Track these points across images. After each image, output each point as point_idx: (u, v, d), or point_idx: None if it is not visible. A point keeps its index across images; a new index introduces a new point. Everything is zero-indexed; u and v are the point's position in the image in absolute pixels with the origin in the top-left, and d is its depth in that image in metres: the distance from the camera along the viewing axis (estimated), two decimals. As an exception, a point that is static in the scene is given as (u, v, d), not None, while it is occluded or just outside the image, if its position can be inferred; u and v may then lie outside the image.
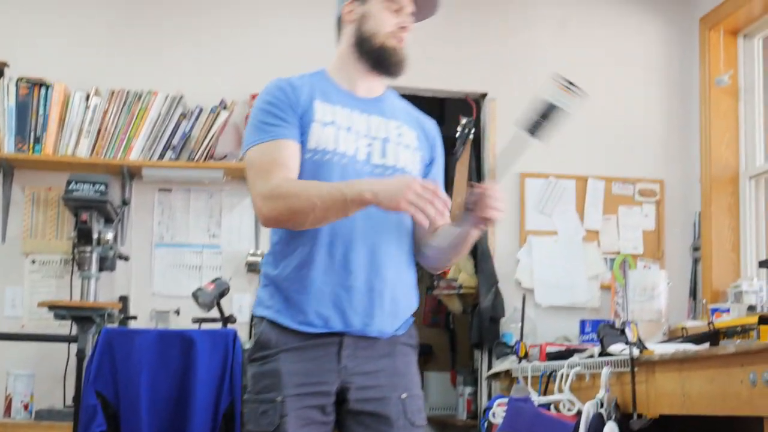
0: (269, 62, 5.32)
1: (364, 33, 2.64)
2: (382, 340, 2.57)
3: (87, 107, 5.11)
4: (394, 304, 2.58)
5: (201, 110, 5.16)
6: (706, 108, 5.55)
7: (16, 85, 5.06)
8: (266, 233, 5.31)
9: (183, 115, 5.16)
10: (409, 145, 2.68)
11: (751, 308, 4.62)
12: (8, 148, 5.01)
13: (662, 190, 5.67)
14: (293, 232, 2.52)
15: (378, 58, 2.65)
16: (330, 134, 2.56)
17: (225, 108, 5.19)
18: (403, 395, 2.58)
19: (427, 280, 5.86)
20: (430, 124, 2.82)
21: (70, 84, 5.14)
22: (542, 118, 2.46)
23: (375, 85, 2.72)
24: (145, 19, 5.41)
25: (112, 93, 5.14)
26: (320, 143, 2.55)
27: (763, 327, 3.87)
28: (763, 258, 5.16)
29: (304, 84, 2.62)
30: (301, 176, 2.53)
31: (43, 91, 5.07)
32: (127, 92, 5.14)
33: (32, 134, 5.05)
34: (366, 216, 2.49)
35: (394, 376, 2.59)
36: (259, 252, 5.22)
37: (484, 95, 5.63)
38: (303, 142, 2.55)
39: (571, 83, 2.49)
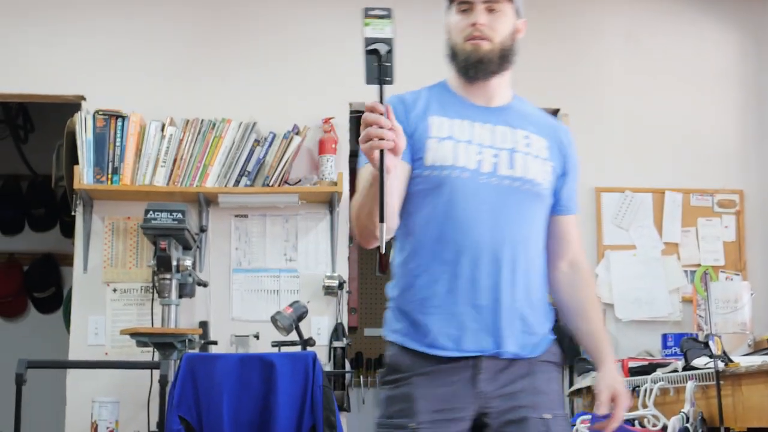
0: (340, 86, 5.37)
1: (449, 45, 2.54)
2: (521, 360, 2.43)
3: (163, 137, 5.19)
4: (526, 322, 2.44)
5: (274, 136, 5.21)
6: (783, 116, 5.50)
7: (93, 117, 5.15)
8: (342, 256, 5.37)
9: (257, 142, 5.21)
10: (538, 155, 2.52)
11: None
12: (87, 180, 5.10)
13: (742, 201, 5.59)
14: (412, 252, 2.44)
15: (460, 66, 2.52)
16: (448, 149, 2.45)
17: (297, 133, 5.23)
18: (547, 415, 2.42)
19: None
20: (564, 132, 2.65)
21: (145, 115, 5.23)
22: (377, 63, 2.19)
23: (496, 93, 2.58)
24: (215, 48, 5.49)
25: (187, 122, 5.21)
26: (437, 159, 2.44)
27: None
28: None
29: (418, 99, 2.54)
30: (420, 193, 2.45)
31: (119, 122, 5.16)
32: (201, 121, 5.21)
33: (110, 165, 5.14)
34: (493, 227, 2.40)
35: (536, 395, 2.43)
36: (335, 275, 5.25)
37: (556, 111, 5.61)
38: (419, 159, 2.45)
39: (370, 9, 2.23)
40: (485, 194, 2.42)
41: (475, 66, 2.51)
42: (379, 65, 2.16)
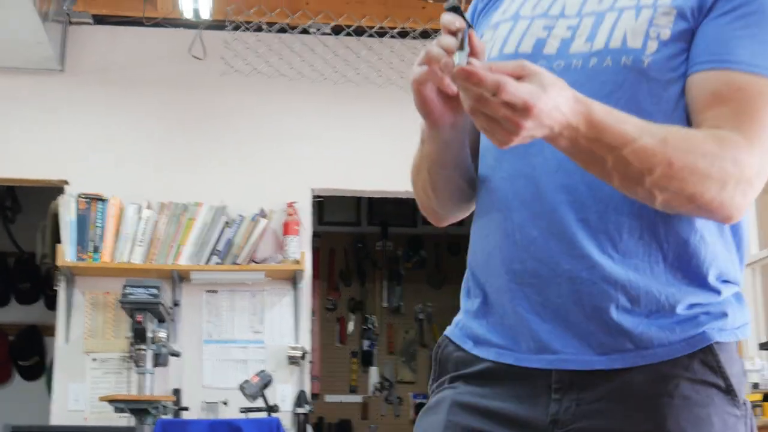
0: (302, 174, 5.51)
1: None
2: (634, 373, 1.40)
3: (140, 218, 5.28)
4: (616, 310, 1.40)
5: (242, 218, 5.32)
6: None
7: (76, 200, 5.24)
8: (305, 328, 5.45)
9: (226, 223, 5.32)
10: (647, 3, 1.49)
11: (755, 386, 4.66)
12: (70, 257, 5.18)
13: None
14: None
15: None
16: (499, 37, 1.61)
17: (264, 216, 5.35)
18: None
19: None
20: None
21: (124, 198, 5.32)
22: None
23: None
24: (188, 138, 5.60)
25: (162, 205, 5.32)
26: (487, 51, 1.53)
27: (766, 404, 3.87)
28: (763, 340, 5.20)
29: None
30: None
31: (100, 205, 5.25)
32: (176, 204, 5.31)
33: (91, 244, 5.22)
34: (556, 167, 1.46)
35: None
36: (299, 345, 5.32)
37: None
38: None
39: None
40: None
41: None
42: None
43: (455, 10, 1.35)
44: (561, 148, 1.32)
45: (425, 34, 5.48)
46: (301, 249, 5.37)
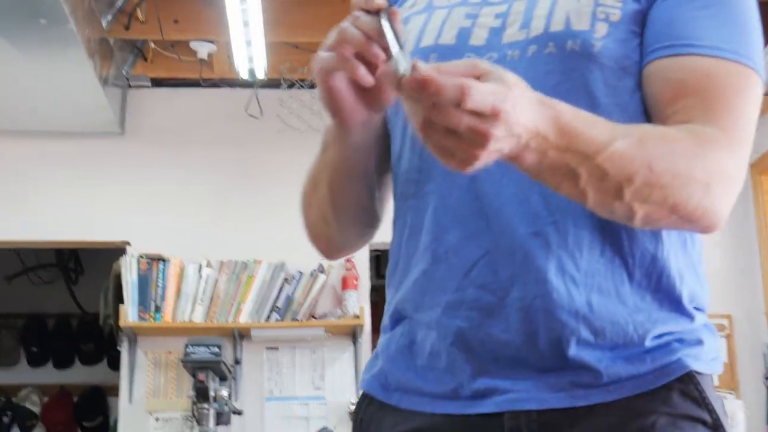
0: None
1: None
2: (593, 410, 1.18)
3: (200, 277, 5.29)
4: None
5: (301, 275, 5.31)
6: (765, 247, 5.54)
7: (137, 261, 5.27)
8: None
9: (285, 280, 5.31)
10: None
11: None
12: (132, 317, 5.19)
13: (731, 324, 5.61)
14: None
15: None
16: (414, 29, 1.38)
17: (322, 272, 5.33)
18: None
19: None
20: None
21: (184, 257, 5.34)
22: None
23: None
24: (247, 195, 5.62)
25: (222, 263, 5.32)
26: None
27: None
28: None
29: None
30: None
31: (161, 265, 5.27)
32: (235, 262, 5.32)
33: (153, 304, 5.23)
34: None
35: None
36: (360, 401, 5.27)
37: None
38: None
39: None
40: None
41: None
42: None
43: None
44: (526, 166, 1.05)
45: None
46: (360, 304, 5.34)
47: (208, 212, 5.58)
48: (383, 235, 1.45)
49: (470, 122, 0.95)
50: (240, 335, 5.33)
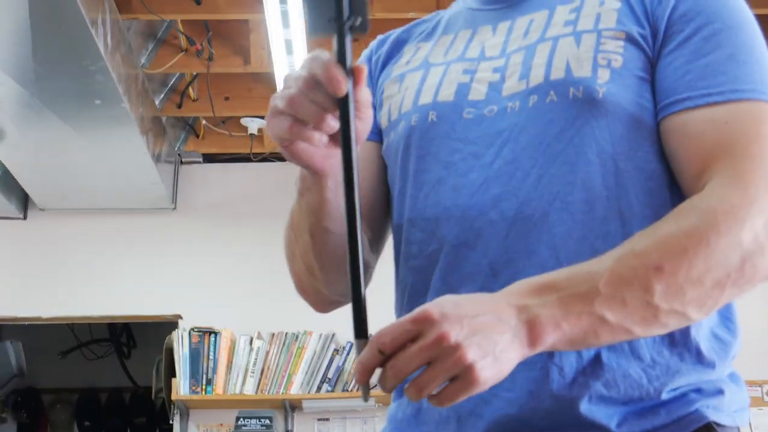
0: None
1: None
2: None
3: (251, 349, 5.32)
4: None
5: (352, 345, 5.32)
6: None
7: (189, 334, 5.31)
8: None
9: (336, 351, 5.32)
10: (587, 28, 1.25)
11: None
12: (184, 391, 5.22)
13: (787, 391, 5.53)
14: None
15: None
16: (410, 87, 1.34)
17: (373, 342, 5.34)
18: None
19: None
20: None
21: (235, 330, 5.38)
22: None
23: None
24: (298, 268, 5.65)
25: (273, 335, 5.35)
26: (393, 108, 1.35)
27: None
28: None
29: (410, 29, 1.47)
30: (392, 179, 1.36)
31: (212, 338, 5.31)
32: (286, 334, 5.34)
33: (204, 377, 5.25)
34: (492, 188, 1.21)
35: None
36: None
37: None
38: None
39: None
40: (475, 136, 1.24)
41: None
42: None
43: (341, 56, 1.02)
44: (555, 338, 1.02)
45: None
46: (410, 374, 5.31)
47: (258, 285, 5.62)
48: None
49: (415, 350, 0.96)
50: (291, 407, 5.33)
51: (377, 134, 1.38)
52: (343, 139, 1.03)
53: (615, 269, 1.02)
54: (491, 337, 0.97)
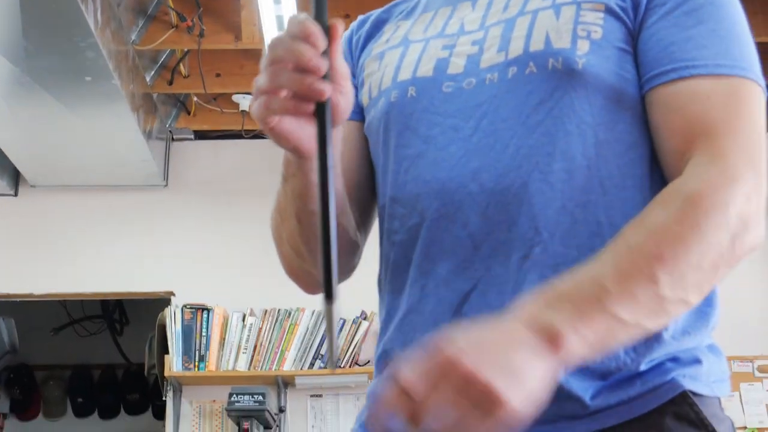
0: (402, 274, 5.50)
1: None
2: None
3: (244, 326, 5.33)
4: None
5: (344, 322, 5.33)
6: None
7: (182, 311, 5.32)
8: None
9: (328, 327, 5.33)
10: (572, 0, 1.24)
11: None
12: (177, 367, 5.23)
13: (779, 366, 5.56)
14: None
15: None
16: (389, 64, 1.33)
17: (365, 318, 5.36)
18: None
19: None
20: None
21: (228, 307, 5.38)
22: None
23: None
24: (290, 245, 5.66)
25: (265, 312, 5.36)
26: (373, 86, 1.35)
27: None
28: None
29: (390, 8, 1.47)
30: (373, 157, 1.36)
31: (205, 314, 5.31)
32: (278, 310, 5.35)
33: (197, 353, 5.26)
34: (474, 159, 1.20)
35: None
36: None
37: None
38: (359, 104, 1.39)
39: None
40: (454, 109, 1.23)
41: None
42: None
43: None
44: (583, 346, 1.01)
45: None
46: (402, 351, 5.33)
47: (250, 262, 5.62)
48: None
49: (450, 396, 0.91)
50: (284, 383, 5.34)
51: (359, 113, 1.37)
52: (318, 110, 1.03)
53: (618, 265, 1.03)
54: (506, 355, 0.95)
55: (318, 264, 1.09)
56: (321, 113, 1.02)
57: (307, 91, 1.01)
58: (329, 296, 1.03)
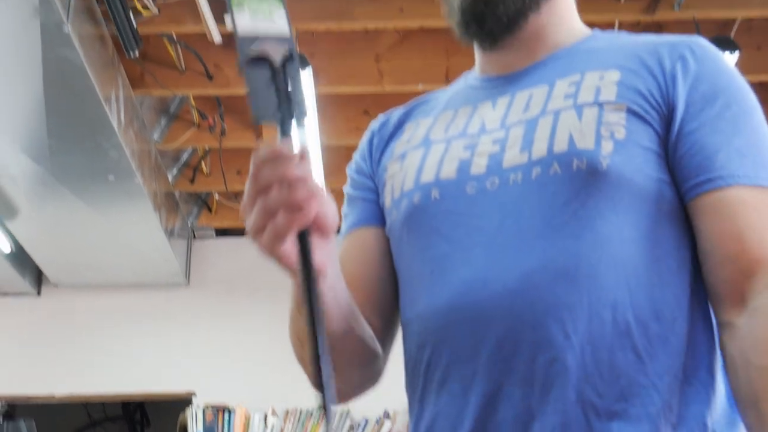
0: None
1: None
2: None
3: (266, 427, 5.27)
4: None
5: (367, 422, 5.26)
6: None
7: (203, 412, 5.27)
8: None
9: (351, 427, 5.26)
10: (587, 100, 1.23)
11: None
12: (198, 469, 5.17)
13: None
14: None
15: (460, 23, 1.34)
16: (411, 165, 1.32)
17: (388, 417, 5.28)
18: None
19: None
20: (674, 46, 1.26)
21: (249, 406, 5.33)
22: (271, 80, 1.05)
23: (534, 46, 1.34)
24: (312, 343, 5.62)
25: (287, 412, 5.30)
26: (395, 188, 1.33)
27: None
28: None
29: (408, 109, 1.45)
30: (399, 259, 1.33)
31: (226, 415, 5.26)
32: (300, 410, 5.29)
33: (218, 455, 5.21)
34: (495, 264, 1.19)
35: None
36: None
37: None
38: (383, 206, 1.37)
39: None
40: (478, 210, 1.23)
41: (477, 14, 1.33)
42: (275, 83, 1.04)
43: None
44: None
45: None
46: (427, 450, 5.25)
47: (272, 360, 5.56)
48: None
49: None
50: (306, 485, 5.27)
51: (380, 219, 1.36)
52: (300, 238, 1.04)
53: None
54: None
55: (351, 384, 1.16)
56: (303, 240, 1.02)
57: (298, 202, 1.01)
58: (327, 419, 0.98)
